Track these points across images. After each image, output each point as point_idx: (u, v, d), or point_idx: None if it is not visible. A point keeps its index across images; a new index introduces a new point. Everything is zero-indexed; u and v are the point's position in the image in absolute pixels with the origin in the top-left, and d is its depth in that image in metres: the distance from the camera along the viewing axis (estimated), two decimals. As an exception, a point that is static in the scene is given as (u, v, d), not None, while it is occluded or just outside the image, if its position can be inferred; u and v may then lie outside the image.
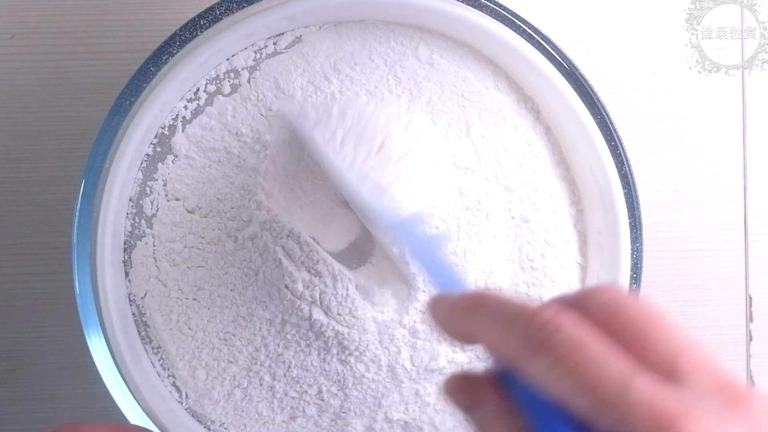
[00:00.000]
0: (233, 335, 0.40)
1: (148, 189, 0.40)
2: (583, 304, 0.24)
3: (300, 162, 0.40)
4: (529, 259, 0.41)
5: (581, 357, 0.22)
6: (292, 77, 0.40)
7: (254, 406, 0.40)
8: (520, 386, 0.24)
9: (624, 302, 0.24)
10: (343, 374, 0.40)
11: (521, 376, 0.23)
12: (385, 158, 0.38)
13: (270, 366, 0.40)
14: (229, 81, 0.40)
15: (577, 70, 0.40)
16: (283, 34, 0.40)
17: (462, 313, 0.26)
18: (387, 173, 0.37)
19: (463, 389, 0.26)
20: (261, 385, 0.40)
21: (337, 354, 0.39)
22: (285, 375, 0.40)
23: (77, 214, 0.38)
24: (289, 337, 0.39)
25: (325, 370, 0.40)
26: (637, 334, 0.23)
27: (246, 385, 0.40)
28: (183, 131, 0.40)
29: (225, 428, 0.40)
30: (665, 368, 0.22)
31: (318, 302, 0.39)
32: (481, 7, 0.39)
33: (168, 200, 0.40)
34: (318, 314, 0.39)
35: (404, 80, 0.41)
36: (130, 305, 0.40)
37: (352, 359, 0.39)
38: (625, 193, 0.40)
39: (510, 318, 0.24)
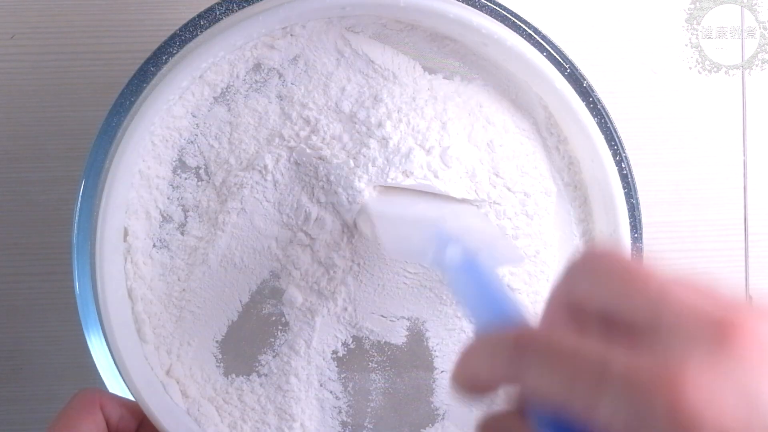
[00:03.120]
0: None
1: (148, 189, 0.40)
2: (573, 284, 0.23)
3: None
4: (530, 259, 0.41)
5: (555, 361, 0.21)
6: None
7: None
8: (540, 415, 0.23)
9: (606, 269, 0.22)
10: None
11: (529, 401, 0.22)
12: None
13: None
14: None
15: (577, 70, 0.40)
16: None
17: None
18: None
19: (496, 428, 0.25)
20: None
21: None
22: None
23: (77, 214, 0.38)
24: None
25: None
26: (619, 294, 0.22)
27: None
28: (183, 131, 0.40)
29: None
30: (649, 322, 0.21)
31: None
32: (481, 7, 0.39)
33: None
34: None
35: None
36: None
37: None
38: (625, 193, 0.40)
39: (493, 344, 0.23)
